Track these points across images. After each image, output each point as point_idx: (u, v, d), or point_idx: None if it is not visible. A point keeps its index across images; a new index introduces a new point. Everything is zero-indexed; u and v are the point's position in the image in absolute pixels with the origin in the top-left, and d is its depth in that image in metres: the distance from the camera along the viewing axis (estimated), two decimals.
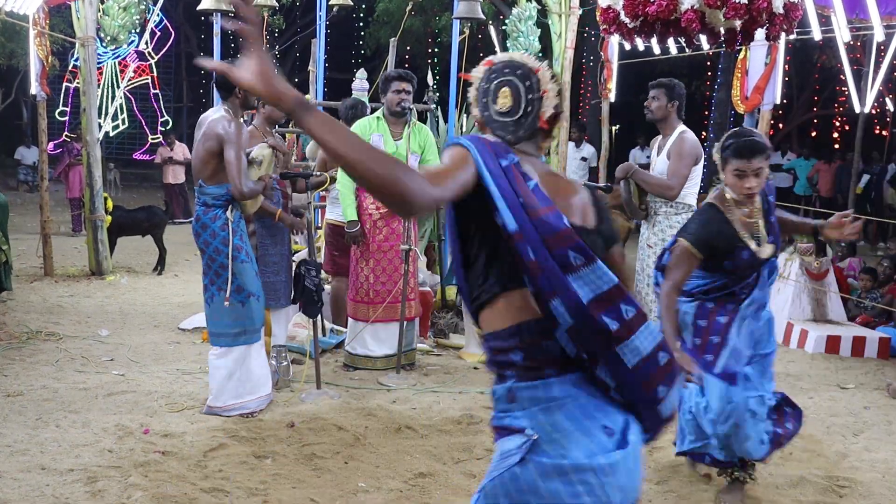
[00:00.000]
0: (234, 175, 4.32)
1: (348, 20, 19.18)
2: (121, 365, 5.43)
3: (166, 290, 8.19)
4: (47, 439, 4.00)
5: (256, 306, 4.53)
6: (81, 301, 7.41)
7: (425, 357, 5.93)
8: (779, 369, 6.14)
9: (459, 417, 4.57)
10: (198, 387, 4.93)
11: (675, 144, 4.97)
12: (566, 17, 9.27)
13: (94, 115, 8.61)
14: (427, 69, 7.18)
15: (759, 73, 7.09)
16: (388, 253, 5.46)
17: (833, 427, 4.76)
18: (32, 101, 13.12)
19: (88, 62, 8.45)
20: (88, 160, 8.56)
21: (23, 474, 3.57)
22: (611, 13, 5.00)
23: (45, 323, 6.45)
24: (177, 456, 3.87)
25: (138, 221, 9.14)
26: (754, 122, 7.32)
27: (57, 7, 9.31)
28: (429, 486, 3.67)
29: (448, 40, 9.97)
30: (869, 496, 3.76)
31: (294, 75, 21.33)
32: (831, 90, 19.32)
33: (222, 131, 4.35)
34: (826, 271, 7.27)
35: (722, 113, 16.65)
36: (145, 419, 4.35)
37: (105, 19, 9.00)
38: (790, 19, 4.82)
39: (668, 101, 5.01)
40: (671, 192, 4.90)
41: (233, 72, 1.62)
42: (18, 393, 4.70)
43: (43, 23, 8.29)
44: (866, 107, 8.43)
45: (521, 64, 2.05)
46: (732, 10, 4.54)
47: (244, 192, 4.38)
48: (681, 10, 4.61)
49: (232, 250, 4.41)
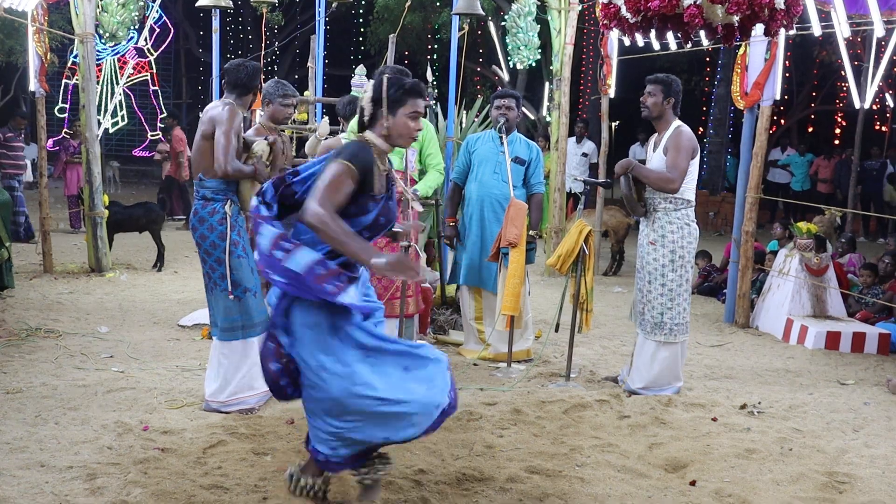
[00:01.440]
0: (219, 152, 4.36)
1: (347, 16, 19.16)
2: (120, 362, 5.43)
3: (166, 286, 8.18)
4: (46, 436, 3.99)
5: (253, 301, 4.53)
6: (81, 298, 7.40)
7: None
8: (779, 365, 6.15)
9: (459, 414, 4.56)
10: (197, 383, 4.93)
11: (672, 138, 4.96)
12: (565, 13, 9.27)
13: (93, 112, 8.60)
14: (426, 65, 7.17)
15: (759, 69, 7.08)
16: (387, 249, 5.46)
17: (833, 423, 4.76)
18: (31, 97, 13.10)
19: (87, 59, 8.44)
20: (88, 157, 8.55)
21: (22, 471, 3.57)
22: (612, 8, 4.98)
23: (45, 320, 6.45)
24: (176, 453, 3.87)
25: (135, 218, 9.16)
26: (754, 117, 7.32)
27: (56, 3, 9.30)
28: (427, 482, 3.67)
29: (447, 36, 9.96)
30: (868, 492, 3.76)
31: (293, 72, 21.31)
32: (831, 86, 19.31)
33: (215, 114, 4.43)
34: (826, 267, 7.27)
35: (722, 109, 16.65)
36: (145, 416, 4.35)
37: (104, 16, 8.97)
38: (791, 15, 4.80)
39: (664, 97, 4.99)
40: (672, 184, 4.89)
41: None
42: (17, 390, 4.70)
43: (42, 19, 8.28)
44: (866, 102, 8.42)
45: None
46: (734, 5, 4.53)
47: (228, 170, 4.38)
48: (683, 4, 4.59)
49: (229, 245, 4.41)
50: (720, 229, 15.00)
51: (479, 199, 5.83)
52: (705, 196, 15.47)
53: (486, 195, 5.82)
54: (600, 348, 6.39)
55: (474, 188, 5.86)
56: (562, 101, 9.50)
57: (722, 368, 5.96)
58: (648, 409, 4.75)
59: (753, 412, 4.85)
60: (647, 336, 5.07)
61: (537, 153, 5.93)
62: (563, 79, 9.44)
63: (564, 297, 5.61)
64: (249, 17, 20.64)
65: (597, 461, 4.01)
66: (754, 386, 5.49)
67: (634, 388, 5.12)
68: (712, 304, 8.49)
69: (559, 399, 4.87)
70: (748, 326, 7.42)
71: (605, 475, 3.85)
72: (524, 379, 5.41)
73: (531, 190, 5.90)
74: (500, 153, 5.78)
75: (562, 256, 5.30)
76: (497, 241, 5.57)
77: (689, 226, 5.00)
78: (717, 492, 3.70)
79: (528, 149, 5.90)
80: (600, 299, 8.03)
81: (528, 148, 5.91)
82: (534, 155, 5.89)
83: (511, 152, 5.77)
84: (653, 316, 5.02)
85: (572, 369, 5.42)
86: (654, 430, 4.46)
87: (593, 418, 4.61)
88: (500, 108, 5.81)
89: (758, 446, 4.26)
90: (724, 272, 8.54)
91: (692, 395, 5.14)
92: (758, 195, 7.38)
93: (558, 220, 9.64)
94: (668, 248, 4.97)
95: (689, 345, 5.39)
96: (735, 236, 7.50)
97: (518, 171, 5.81)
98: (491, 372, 5.57)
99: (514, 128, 5.92)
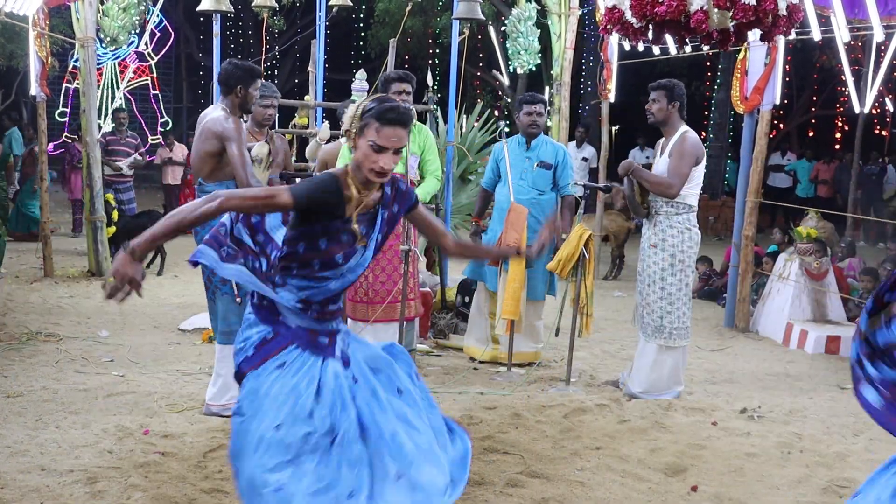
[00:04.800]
0: (240, 170, 4.32)
1: (348, 21, 19.18)
2: (121, 366, 5.43)
3: (166, 291, 8.18)
4: (47, 440, 4.00)
5: None
6: (81, 302, 7.41)
7: (425, 357, 5.93)
8: (779, 369, 6.15)
9: (459, 418, 4.56)
10: (198, 388, 4.93)
11: (677, 144, 4.97)
12: (566, 18, 9.27)
13: (93, 116, 8.60)
14: (427, 70, 7.18)
15: (759, 74, 7.10)
16: (388, 253, 5.46)
17: (833, 427, 4.76)
18: (32, 102, 13.11)
19: (88, 63, 8.45)
20: (88, 161, 8.56)
21: (22, 475, 3.57)
22: (616, 13, 4.97)
23: (45, 324, 6.45)
24: (177, 457, 3.87)
25: (142, 225, 9.25)
26: (754, 122, 7.33)
27: (57, 8, 9.30)
28: None
29: (448, 41, 9.96)
30: None
31: (294, 76, 21.33)
32: (831, 90, 19.32)
33: (221, 129, 4.36)
34: (826, 271, 7.27)
35: (722, 113, 16.67)
36: (145, 420, 4.36)
37: (105, 20, 8.99)
38: (792, 21, 4.81)
39: (668, 102, 5.00)
40: (671, 190, 4.90)
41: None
42: (18, 394, 4.70)
43: (43, 23, 8.29)
44: (866, 107, 8.42)
45: None
46: (741, 11, 4.52)
47: (251, 186, 4.37)
48: (690, 10, 4.58)
49: None
50: (720, 234, 15.00)
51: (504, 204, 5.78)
52: (705, 200, 15.46)
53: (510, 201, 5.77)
54: (600, 352, 6.39)
55: (505, 193, 5.81)
56: (562, 106, 9.50)
57: (722, 373, 5.96)
58: (648, 414, 4.75)
59: (754, 416, 4.86)
60: (647, 339, 5.07)
61: (564, 155, 5.87)
62: (563, 83, 9.44)
63: (565, 301, 5.61)
64: (250, 22, 20.66)
65: (597, 465, 4.01)
66: (754, 390, 5.49)
67: (634, 391, 5.12)
68: (712, 309, 8.49)
69: (559, 403, 4.87)
70: (748, 331, 7.42)
71: (605, 479, 3.85)
72: (524, 383, 5.41)
73: (562, 192, 5.86)
74: (526, 159, 5.77)
75: (562, 261, 5.30)
76: (497, 245, 5.57)
77: (690, 230, 5.00)
78: (717, 496, 3.70)
79: (554, 152, 5.85)
80: (600, 304, 8.03)
81: (555, 151, 5.86)
82: (560, 158, 5.82)
83: (536, 157, 5.76)
84: (653, 319, 5.02)
85: (572, 373, 5.43)
86: (654, 435, 4.46)
87: (593, 422, 4.61)
88: (531, 114, 5.74)
89: (758, 451, 4.26)
90: (724, 276, 8.55)
91: (692, 400, 5.14)
92: (758, 199, 7.39)
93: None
94: (669, 251, 4.97)
95: (689, 349, 5.38)
96: (735, 241, 7.51)
97: (544, 175, 5.78)
98: (491, 376, 5.57)
99: (540, 132, 5.88)
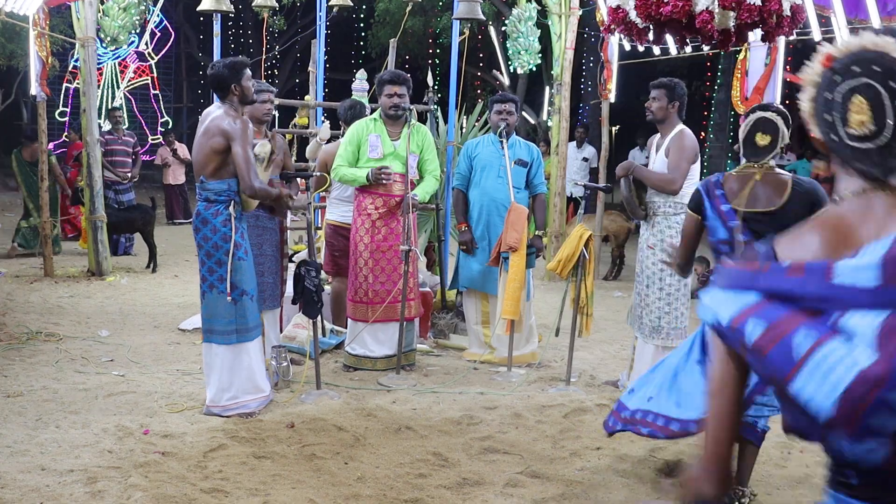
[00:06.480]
0: (244, 171, 4.32)
1: (348, 21, 19.18)
2: (121, 365, 5.44)
3: (166, 290, 8.19)
4: (47, 440, 4.00)
5: (250, 305, 4.52)
6: (81, 302, 7.41)
7: (425, 357, 5.93)
8: None
9: (459, 418, 4.57)
10: (198, 387, 4.93)
11: (675, 140, 4.97)
12: (566, 18, 9.28)
13: (93, 116, 8.61)
14: (427, 70, 7.18)
15: (759, 74, 7.10)
16: (388, 253, 5.47)
17: None
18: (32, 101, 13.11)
19: (88, 63, 8.46)
20: (88, 161, 8.56)
21: (23, 475, 3.57)
22: (620, 13, 4.97)
23: (45, 323, 6.45)
24: (177, 456, 3.87)
25: (131, 220, 9.39)
26: None
27: (57, 8, 9.31)
28: (427, 486, 3.67)
29: (448, 41, 9.97)
30: None
31: (294, 76, 21.34)
32: None
33: (228, 128, 4.34)
34: None
35: (722, 113, 16.64)
36: (145, 420, 4.35)
37: (105, 20, 9.00)
38: (795, 21, 4.81)
39: (668, 101, 5.01)
40: (673, 185, 4.90)
41: None
42: (18, 393, 4.70)
43: (43, 23, 8.29)
44: None
45: (879, 54, 1.37)
46: (746, 11, 4.52)
47: (255, 188, 4.37)
48: (696, 10, 4.58)
49: (233, 247, 4.40)
50: None
51: (484, 204, 5.84)
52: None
53: (490, 200, 5.82)
54: (600, 352, 6.39)
55: (477, 194, 5.87)
56: (562, 106, 9.52)
57: None
58: None
59: None
60: (645, 340, 5.07)
61: (537, 154, 5.99)
62: (563, 83, 9.46)
63: (565, 301, 5.61)
64: (250, 22, 20.66)
65: (597, 466, 4.01)
66: None
67: None
68: None
69: (559, 403, 4.87)
70: None
71: (605, 479, 3.85)
72: (524, 383, 5.41)
73: (534, 190, 5.94)
74: (502, 157, 5.79)
75: (562, 261, 5.30)
76: (497, 245, 5.58)
77: None
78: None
79: (528, 150, 5.94)
80: (600, 304, 8.02)
81: (529, 149, 5.96)
82: (534, 156, 5.94)
83: (512, 155, 5.80)
84: (651, 320, 5.02)
85: (572, 373, 5.42)
86: None
87: (593, 422, 4.61)
88: (501, 112, 5.84)
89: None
90: None
91: None
92: None
93: (558, 225, 9.64)
94: (667, 252, 4.96)
95: None
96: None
97: (520, 173, 5.84)
98: (491, 376, 5.57)
99: (513, 131, 5.95)
